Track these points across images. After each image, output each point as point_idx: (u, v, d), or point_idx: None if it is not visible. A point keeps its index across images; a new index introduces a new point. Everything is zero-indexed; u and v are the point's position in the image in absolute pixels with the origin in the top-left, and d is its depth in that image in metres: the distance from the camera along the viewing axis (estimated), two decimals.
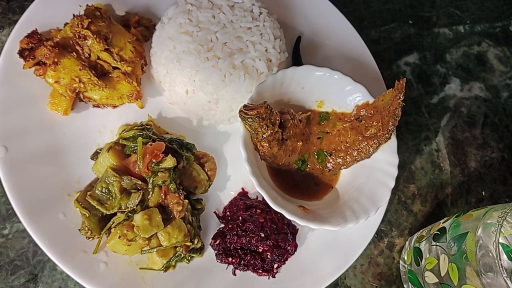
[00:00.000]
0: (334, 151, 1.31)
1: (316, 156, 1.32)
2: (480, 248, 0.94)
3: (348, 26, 1.53)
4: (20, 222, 1.10)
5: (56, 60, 1.16)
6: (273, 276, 1.20)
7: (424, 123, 1.57)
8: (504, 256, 1.00)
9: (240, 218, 1.21)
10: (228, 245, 1.19)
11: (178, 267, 1.17)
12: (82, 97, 1.24)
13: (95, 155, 1.21)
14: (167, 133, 1.29)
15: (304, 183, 1.31)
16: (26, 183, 1.13)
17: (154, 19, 1.40)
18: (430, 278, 1.10)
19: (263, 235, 1.18)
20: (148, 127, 1.20)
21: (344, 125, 1.31)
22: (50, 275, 1.17)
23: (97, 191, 1.09)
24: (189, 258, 1.17)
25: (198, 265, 1.19)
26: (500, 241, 0.92)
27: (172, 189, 1.12)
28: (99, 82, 1.20)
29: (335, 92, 1.30)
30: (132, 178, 1.09)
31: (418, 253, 1.19)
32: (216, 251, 1.20)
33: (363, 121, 1.27)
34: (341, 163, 1.30)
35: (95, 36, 1.18)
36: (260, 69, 1.29)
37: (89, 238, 1.12)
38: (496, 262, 0.90)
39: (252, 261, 1.18)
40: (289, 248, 1.21)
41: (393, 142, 1.25)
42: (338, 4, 1.54)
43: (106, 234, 1.12)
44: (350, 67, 1.41)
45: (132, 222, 1.07)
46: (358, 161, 1.29)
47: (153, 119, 1.30)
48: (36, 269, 1.17)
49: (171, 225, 1.10)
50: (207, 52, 1.24)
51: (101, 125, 1.27)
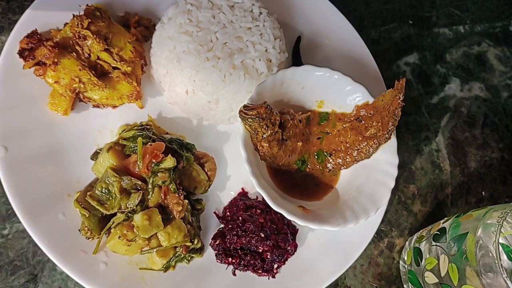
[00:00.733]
0: (334, 151, 1.31)
1: (316, 156, 1.32)
2: (480, 248, 0.94)
3: (348, 26, 1.53)
4: (20, 222, 1.10)
5: (56, 60, 1.16)
6: (273, 276, 1.20)
7: (424, 123, 1.57)
8: (504, 256, 1.00)
9: (240, 218, 1.21)
10: (228, 245, 1.19)
11: (178, 267, 1.17)
12: (82, 97, 1.24)
13: (95, 155, 1.21)
14: (167, 133, 1.29)
15: (304, 183, 1.31)
16: (26, 183, 1.13)
17: (154, 19, 1.40)
18: (430, 278, 1.10)
19: (263, 235, 1.18)
20: (148, 127, 1.20)
21: (344, 125, 1.31)
22: (50, 275, 1.17)
23: (97, 191, 1.09)
24: (189, 258, 1.17)
25: (198, 265, 1.19)
26: (500, 241, 0.92)
27: (172, 189, 1.12)
28: (99, 82, 1.20)
29: (335, 92, 1.30)
30: (132, 178, 1.09)
31: (418, 253, 1.19)
32: (216, 251, 1.19)
33: (363, 121, 1.27)
34: (341, 163, 1.30)
35: (95, 36, 1.18)
36: (260, 69, 1.29)
37: (89, 238, 1.12)
38: (496, 262, 0.90)
39: (252, 261, 1.18)
40: (289, 248, 1.21)
41: (393, 142, 1.25)
42: (338, 4, 1.54)
43: (106, 234, 1.12)
44: (350, 67, 1.41)
45: (132, 222, 1.07)
46: (358, 161, 1.29)
47: (153, 119, 1.30)
48: (36, 269, 1.17)
49: (171, 225, 1.10)
50: (207, 52, 1.24)
51: (101, 125, 1.27)
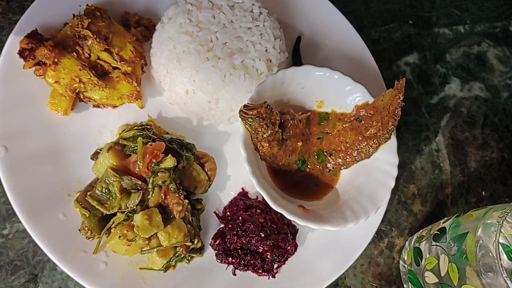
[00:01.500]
0: (334, 151, 1.31)
1: (316, 156, 1.32)
2: (480, 248, 0.94)
3: (348, 26, 1.53)
4: (20, 222, 1.10)
5: (56, 60, 1.16)
6: (273, 276, 1.20)
7: (424, 123, 1.57)
8: (504, 256, 1.00)
9: (240, 218, 1.21)
10: (228, 245, 1.19)
11: (178, 267, 1.17)
12: (82, 97, 1.24)
13: (95, 155, 1.21)
14: (167, 133, 1.29)
15: (304, 183, 1.31)
16: (26, 183, 1.13)
17: (154, 19, 1.39)
18: (430, 278, 1.10)
19: (263, 235, 1.18)
20: (148, 127, 1.20)
21: (344, 125, 1.31)
22: (50, 275, 1.17)
23: (97, 191, 1.09)
24: (189, 258, 1.17)
25: (198, 265, 1.19)
26: (500, 241, 0.92)
27: (172, 189, 1.12)
28: (99, 82, 1.20)
29: (335, 92, 1.30)
30: (132, 178, 1.09)
31: (418, 253, 1.19)
32: (216, 251, 1.19)
33: (363, 121, 1.27)
34: (341, 163, 1.30)
35: (95, 36, 1.18)
36: (260, 69, 1.29)
37: (89, 238, 1.12)
38: (496, 262, 0.90)
39: (252, 261, 1.18)
40: (289, 248, 1.21)
41: (393, 142, 1.25)
42: (338, 4, 1.54)
43: (106, 234, 1.12)
44: (350, 67, 1.41)
45: (132, 222, 1.07)
46: (358, 161, 1.29)
47: (153, 119, 1.30)
48: (36, 269, 1.17)
49: (171, 225, 1.10)
50: (207, 52, 1.24)
51: (101, 125, 1.27)
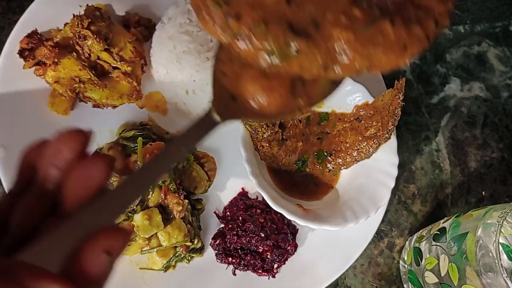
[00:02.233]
0: (334, 152, 1.31)
1: (316, 157, 1.32)
2: (480, 248, 0.94)
3: None
4: None
5: (56, 60, 1.16)
6: (273, 276, 1.20)
7: (424, 123, 1.57)
8: (504, 256, 1.00)
9: (240, 218, 1.21)
10: (228, 245, 1.19)
11: (178, 267, 1.17)
12: (82, 97, 1.24)
13: None
14: (167, 133, 1.29)
15: (304, 183, 1.31)
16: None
17: (154, 19, 1.39)
18: (430, 278, 1.10)
19: (263, 235, 1.18)
20: (148, 127, 1.20)
21: (344, 125, 1.31)
22: None
23: None
24: (189, 258, 1.17)
25: (198, 265, 1.19)
26: (500, 241, 0.92)
27: (172, 189, 1.12)
28: (99, 82, 1.20)
29: (335, 92, 1.30)
30: None
31: (418, 253, 1.19)
32: (216, 251, 1.19)
33: (363, 121, 1.27)
34: (341, 163, 1.30)
35: (95, 36, 1.18)
36: None
37: None
38: (496, 262, 0.90)
39: (252, 261, 1.18)
40: (289, 248, 1.21)
41: (393, 142, 1.24)
42: None
43: None
44: None
45: (132, 222, 1.07)
46: (358, 161, 1.29)
47: (153, 119, 1.30)
48: None
49: (171, 225, 1.10)
50: (207, 52, 1.24)
51: (101, 125, 1.27)
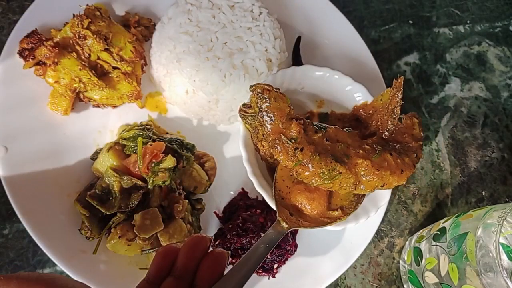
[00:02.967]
0: None
1: None
2: (480, 248, 0.94)
3: (348, 26, 1.52)
4: (20, 222, 1.09)
5: (56, 60, 1.16)
6: (273, 276, 1.20)
7: (424, 123, 1.57)
8: (504, 256, 1.00)
9: (240, 218, 1.21)
10: (228, 245, 1.19)
11: None
12: (82, 97, 1.24)
13: (95, 155, 1.21)
14: (167, 133, 1.29)
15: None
16: (26, 183, 1.13)
17: (154, 19, 1.39)
18: (430, 278, 1.10)
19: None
20: (148, 127, 1.20)
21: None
22: None
23: (97, 191, 1.09)
24: None
25: None
26: (500, 241, 0.92)
27: (172, 189, 1.12)
28: (99, 82, 1.20)
29: (335, 92, 1.30)
30: (132, 178, 1.09)
31: (418, 253, 1.19)
32: None
33: (362, 121, 1.27)
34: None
35: (95, 36, 1.18)
36: (260, 69, 1.28)
37: (89, 238, 1.12)
38: (496, 262, 0.90)
39: None
40: (289, 248, 1.21)
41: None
42: (338, 4, 1.53)
43: (106, 234, 1.12)
44: (350, 67, 1.41)
45: (132, 222, 1.07)
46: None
47: (153, 119, 1.30)
48: (36, 269, 1.17)
49: (171, 225, 1.10)
50: (207, 52, 1.24)
51: (101, 125, 1.27)
